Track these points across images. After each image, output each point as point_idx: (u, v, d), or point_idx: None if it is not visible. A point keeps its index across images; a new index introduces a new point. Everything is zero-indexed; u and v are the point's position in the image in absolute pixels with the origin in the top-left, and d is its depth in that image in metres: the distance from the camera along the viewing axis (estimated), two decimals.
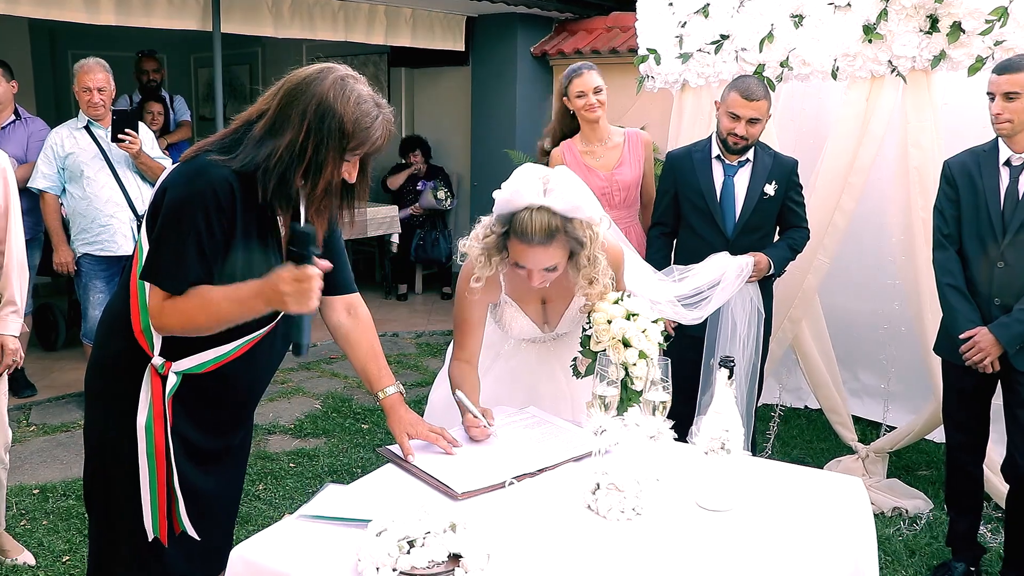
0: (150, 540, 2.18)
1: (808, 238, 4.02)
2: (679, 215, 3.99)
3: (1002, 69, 3.19)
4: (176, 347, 2.12)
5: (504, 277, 2.71)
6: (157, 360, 2.12)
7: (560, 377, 2.88)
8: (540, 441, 2.46)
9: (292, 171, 2.02)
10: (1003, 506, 3.62)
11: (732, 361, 2.01)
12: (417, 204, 8.30)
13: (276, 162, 2.00)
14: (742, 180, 3.86)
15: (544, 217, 2.41)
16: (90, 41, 7.56)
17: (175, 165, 2.12)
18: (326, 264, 2.03)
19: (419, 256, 8.46)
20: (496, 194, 2.51)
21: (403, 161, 8.51)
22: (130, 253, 4.90)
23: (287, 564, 1.85)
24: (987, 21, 3.65)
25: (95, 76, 4.95)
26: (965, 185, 3.35)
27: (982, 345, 3.24)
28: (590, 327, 2.55)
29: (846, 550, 2.18)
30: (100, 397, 2.25)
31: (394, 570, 1.69)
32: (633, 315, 2.48)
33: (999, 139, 3.30)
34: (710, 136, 3.93)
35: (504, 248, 2.54)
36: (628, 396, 2.44)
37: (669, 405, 2.14)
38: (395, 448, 2.40)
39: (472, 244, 2.60)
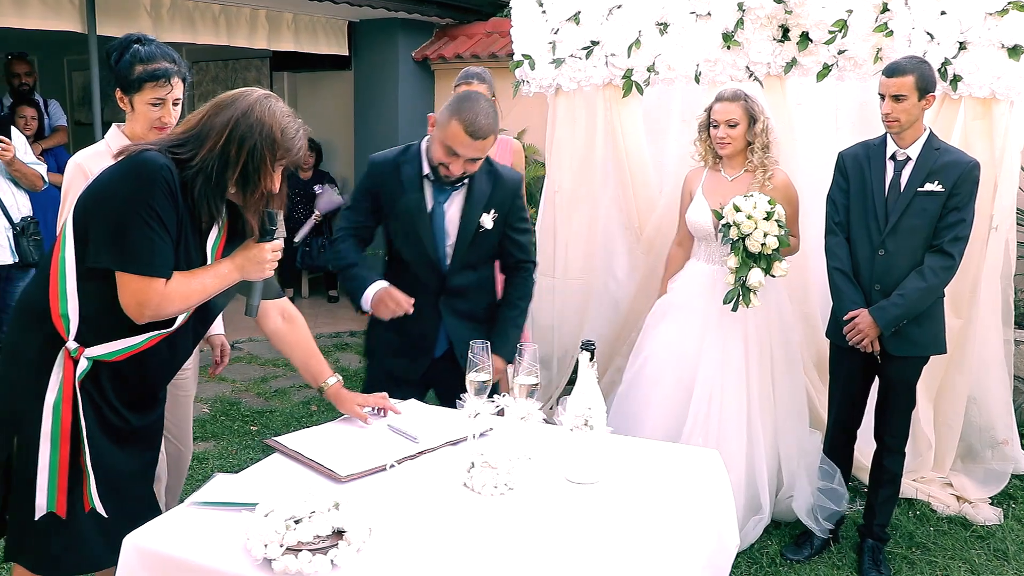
0: (38, 517, 2.25)
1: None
2: (380, 223, 3.37)
3: (890, 72, 3.38)
4: (92, 334, 2.24)
5: (708, 174, 3.90)
6: (72, 344, 2.23)
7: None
8: (421, 426, 2.60)
9: (222, 175, 2.22)
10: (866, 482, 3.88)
11: (593, 344, 2.19)
12: (316, 212, 8.26)
13: (202, 165, 2.21)
14: (454, 208, 3.22)
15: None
16: None
17: (121, 159, 2.24)
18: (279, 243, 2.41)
19: (305, 262, 8.46)
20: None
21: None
22: (9, 263, 4.83)
23: (179, 549, 1.93)
24: (830, 32, 3.96)
25: None
26: (856, 176, 3.57)
27: (862, 326, 3.47)
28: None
29: (708, 518, 2.37)
30: (6, 378, 2.33)
31: (281, 546, 1.80)
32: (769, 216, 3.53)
33: (888, 134, 3.51)
34: (418, 146, 3.25)
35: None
36: (747, 260, 3.54)
37: (538, 389, 2.31)
38: (282, 439, 2.51)
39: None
